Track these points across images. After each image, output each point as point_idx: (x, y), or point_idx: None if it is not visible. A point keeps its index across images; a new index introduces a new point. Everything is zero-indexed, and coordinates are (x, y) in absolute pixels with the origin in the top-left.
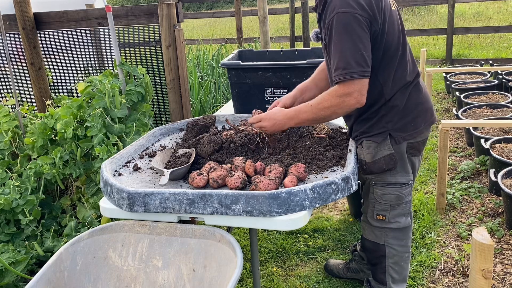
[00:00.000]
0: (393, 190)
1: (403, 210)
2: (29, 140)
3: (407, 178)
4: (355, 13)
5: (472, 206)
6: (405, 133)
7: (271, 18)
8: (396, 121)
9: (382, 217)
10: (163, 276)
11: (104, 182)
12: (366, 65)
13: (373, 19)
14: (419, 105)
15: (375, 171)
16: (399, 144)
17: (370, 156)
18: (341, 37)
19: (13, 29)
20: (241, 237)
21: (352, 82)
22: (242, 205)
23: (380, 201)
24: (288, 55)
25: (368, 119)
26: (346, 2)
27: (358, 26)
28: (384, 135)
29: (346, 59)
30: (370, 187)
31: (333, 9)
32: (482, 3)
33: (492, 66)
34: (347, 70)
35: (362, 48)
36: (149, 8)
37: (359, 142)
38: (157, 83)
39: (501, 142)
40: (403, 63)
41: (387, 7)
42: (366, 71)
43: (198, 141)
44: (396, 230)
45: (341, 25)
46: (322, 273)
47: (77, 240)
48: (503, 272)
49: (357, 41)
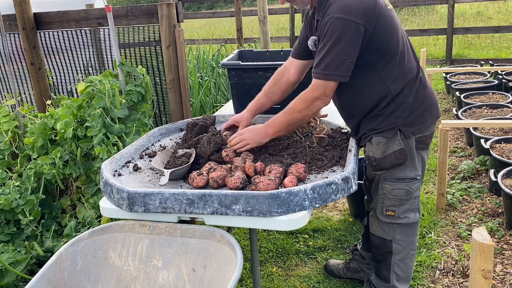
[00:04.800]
0: (403, 185)
1: (412, 205)
2: (29, 140)
3: (416, 173)
4: (349, 20)
5: (472, 206)
6: (414, 128)
7: (271, 18)
8: (405, 116)
9: (392, 212)
10: (163, 276)
11: (104, 182)
12: (345, 71)
13: (368, 24)
14: (426, 99)
15: (385, 166)
16: (408, 138)
17: (381, 152)
18: (330, 40)
19: (13, 29)
20: (241, 237)
21: (324, 83)
22: (242, 205)
23: (390, 196)
24: (288, 55)
25: (377, 115)
26: (342, 8)
27: (349, 33)
28: (394, 130)
29: (329, 61)
30: (379, 183)
31: (329, 13)
32: (482, 3)
33: (492, 66)
34: (325, 70)
35: (346, 55)
36: (149, 8)
37: (368, 139)
38: (157, 83)
39: (501, 142)
40: (405, 59)
41: (382, 9)
42: (342, 76)
43: (198, 141)
44: (404, 225)
45: (333, 29)
46: (322, 273)
47: (77, 240)
48: (503, 272)
49: (344, 47)
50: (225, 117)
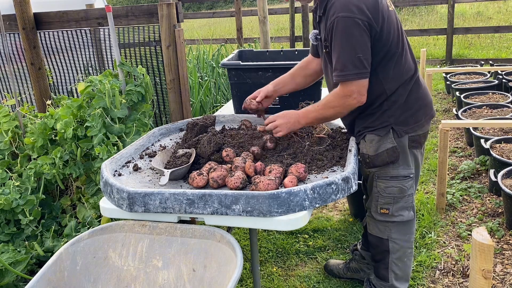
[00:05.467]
0: (396, 183)
1: (406, 203)
2: (29, 140)
3: (409, 171)
4: (354, 17)
5: (472, 206)
6: (407, 127)
7: (271, 18)
8: (398, 115)
9: (386, 210)
10: (163, 276)
11: (104, 182)
12: (362, 67)
13: (372, 22)
14: (420, 99)
15: (378, 164)
16: (401, 137)
17: (373, 149)
18: (340, 41)
19: (13, 29)
20: (241, 237)
21: (350, 83)
22: (242, 205)
23: (384, 194)
24: (288, 55)
25: (371, 114)
26: (346, 6)
27: (357, 30)
28: (386, 129)
29: (344, 61)
30: (373, 181)
31: (334, 13)
32: (482, 3)
33: (492, 66)
34: (344, 72)
35: (360, 51)
36: (149, 8)
37: (361, 136)
38: (157, 83)
39: (501, 142)
40: (403, 60)
41: (384, 9)
42: (362, 72)
43: (198, 141)
44: (399, 224)
45: (340, 29)
46: (322, 273)
47: (77, 240)
48: (503, 272)
49: (355, 45)
50: (225, 117)
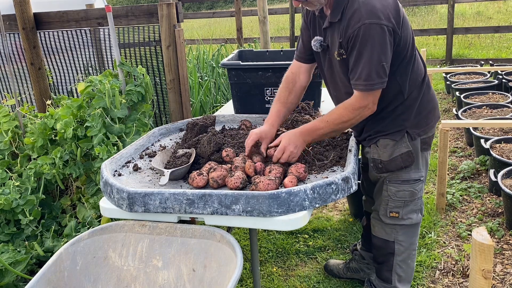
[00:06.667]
0: (407, 187)
1: (415, 206)
2: (29, 140)
3: (420, 174)
4: (381, 24)
5: (472, 206)
6: (419, 129)
7: (271, 18)
8: (412, 119)
9: (396, 214)
10: (163, 276)
11: (104, 182)
12: (385, 76)
13: (396, 27)
14: (430, 101)
15: (392, 169)
16: (414, 140)
17: (388, 154)
18: (365, 48)
19: (13, 29)
20: (241, 237)
21: (370, 93)
22: (242, 205)
23: (394, 198)
24: (288, 55)
25: (383, 118)
26: (372, 12)
27: (383, 37)
28: (402, 133)
29: (369, 70)
30: (383, 185)
31: (359, 20)
32: (482, 3)
33: (492, 66)
34: (368, 81)
35: (384, 60)
36: (149, 8)
37: (373, 141)
38: (157, 83)
39: (501, 142)
40: (416, 62)
41: (402, 12)
42: (384, 81)
43: (198, 141)
44: (407, 226)
45: (367, 36)
46: (322, 273)
47: (77, 240)
48: (503, 272)
49: (380, 53)
50: (225, 117)
